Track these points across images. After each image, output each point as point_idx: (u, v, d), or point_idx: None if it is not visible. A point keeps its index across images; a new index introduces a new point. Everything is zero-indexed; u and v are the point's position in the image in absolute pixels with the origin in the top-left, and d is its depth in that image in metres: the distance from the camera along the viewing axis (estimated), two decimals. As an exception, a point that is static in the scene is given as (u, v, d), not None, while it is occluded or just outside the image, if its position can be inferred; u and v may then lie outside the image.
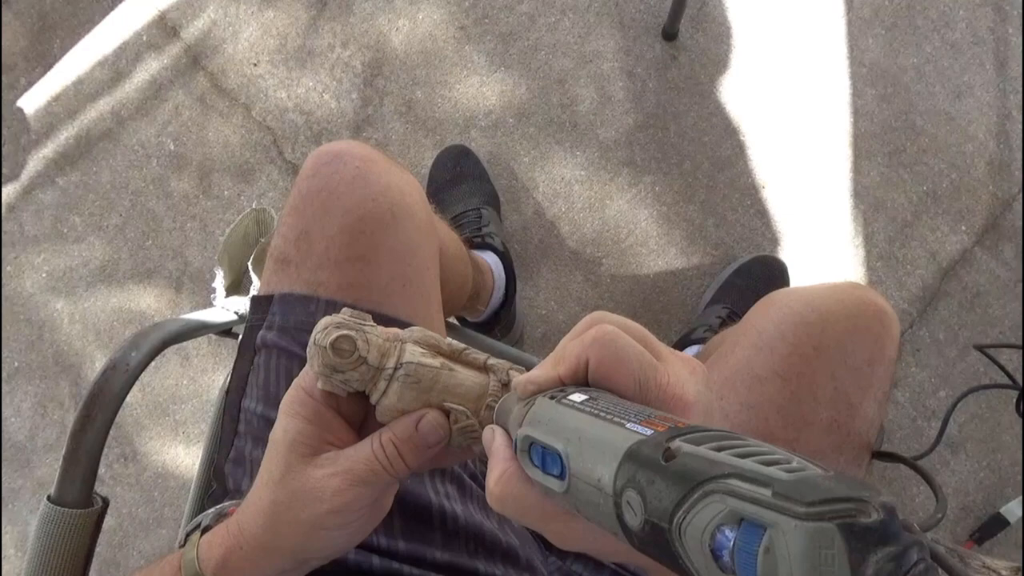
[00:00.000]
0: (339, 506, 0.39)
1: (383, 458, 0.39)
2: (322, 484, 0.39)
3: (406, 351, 0.40)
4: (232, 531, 0.43)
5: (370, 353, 0.39)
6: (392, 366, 0.39)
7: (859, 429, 0.60)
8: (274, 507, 0.40)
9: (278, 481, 0.40)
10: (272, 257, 0.65)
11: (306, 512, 0.39)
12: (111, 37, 1.44)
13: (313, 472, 0.39)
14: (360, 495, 0.39)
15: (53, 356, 1.38)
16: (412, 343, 0.41)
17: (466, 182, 1.28)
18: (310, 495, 0.39)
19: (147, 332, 0.66)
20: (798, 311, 0.61)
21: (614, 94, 1.34)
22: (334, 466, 0.39)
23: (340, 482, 0.39)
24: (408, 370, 0.39)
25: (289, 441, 0.40)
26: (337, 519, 0.39)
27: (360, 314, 0.40)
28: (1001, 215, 1.30)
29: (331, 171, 0.63)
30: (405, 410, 0.40)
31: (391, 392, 0.39)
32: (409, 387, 0.39)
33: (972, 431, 1.24)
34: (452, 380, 0.40)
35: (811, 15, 1.35)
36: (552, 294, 1.30)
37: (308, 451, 0.40)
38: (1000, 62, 1.34)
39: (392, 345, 0.40)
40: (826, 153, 1.32)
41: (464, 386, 0.40)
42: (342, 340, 0.38)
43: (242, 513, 0.43)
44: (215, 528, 0.44)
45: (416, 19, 1.39)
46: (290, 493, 0.40)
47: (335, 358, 0.38)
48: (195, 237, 1.37)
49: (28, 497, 1.36)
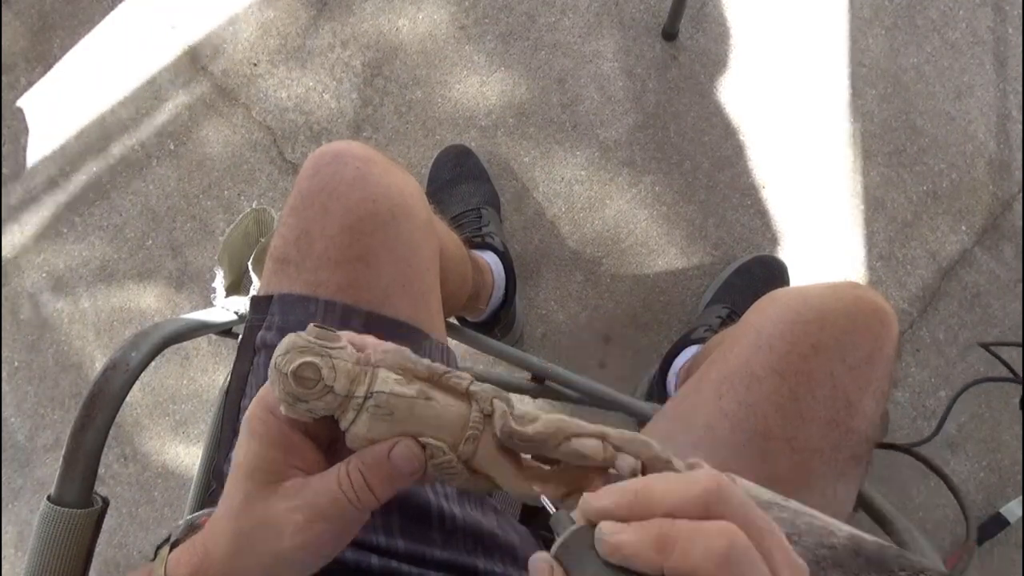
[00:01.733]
0: (301, 544, 0.37)
1: (349, 491, 0.36)
2: (283, 519, 0.37)
3: (378, 378, 0.36)
4: (199, 552, 0.40)
5: (337, 381, 0.35)
6: (362, 395, 0.36)
7: (858, 427, 0.60)
8: (236, 537, 0.38)
9: (238, 510, 0.38)
10: (272, 257, 0.65)
11: (267, 546, 0.37)
12: (111, 37, 1.44)
13: (275, 504, 0.37)
14: (323, 531, 0.37)
15: (53, 356, 1.38)
16: (385, 368, 0.37)
17: (466, 182, 1.28)
18: (271, 530, 0.37)
19: (147, 332, 0.66)
20: (796, 310, 0.61)
21: (614, 94, 1.34)
22: (296, 499, 0.37)
23: (302, 518, 0.36)
24: (379, 400, 0.36)
25: (249, 468, 0.38)
26: (300, 554, 0.37)
27: (327, 333, 0.36)
28: (1001, 215, 1.30)
29: (331, 171, 0.63)
30: (377, 440, 0.36)
31: (360, 422, 0.36)
32: (381, 419, 0.36)
33: (972, 430, 1.24)
34: (429, 411, 0.36)
35: (811, 15, 1.35)
36: (552, 294, 1.30)
37: (269, 478, 0.37)
38: (1000, 62, 1.34)
39: (362, 371, 0.36)
40: (826, 153, 1.32)
41: (442, 418, 0.36)
42: (305, 368, 0.35)
43: (208, 536, 0.40)
44: (183, 545, 0.42)
45: (416, 19, 1.39)
46: (252, 524, 0.38)
47: (297, 387, 0.35)
48: (195, 237, 1.37)
49: (28, 497, 1.36)
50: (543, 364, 0.95)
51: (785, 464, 0.58)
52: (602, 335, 1.29)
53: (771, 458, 0.58)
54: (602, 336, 1.29)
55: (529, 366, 0.95)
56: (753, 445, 0.58)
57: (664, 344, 1.27)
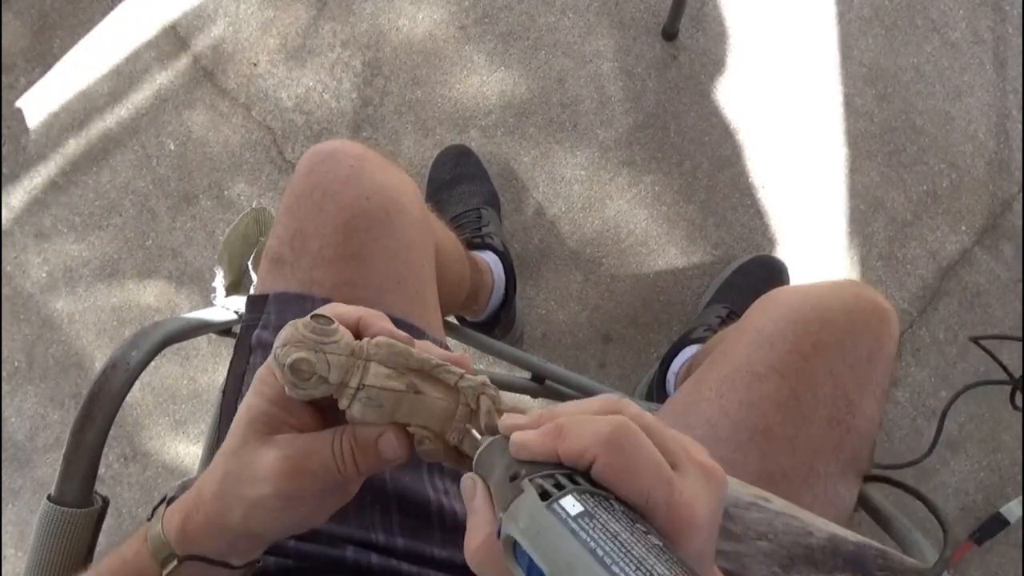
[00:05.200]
0: (282, 491, 0.39)
1: (339, 457, 0.39)
2: (269, 465, 0.39)
3: (369, 372, 0.39)
4: (191, 495, 0.43)
5: (331, 374, 0.38)
6: (355, 385, 0.39)
7: (858, 426, 0.60)
8: (225, 477, 0.41)
9: (232, 453, 0.40)
10: (267, 256, 0.65)
11: (251, 490, 0.39)
12: (111, 37, 1.44)
13: (265, 452, 0.39)
14: (305, 485, 0.39)
15: (53, 356, 1.38)
16: (376, 362, 0.39)
17: (466, 182, 1.28)
18: (257, 474, 0.39)
19: (147, 331, 0.66)
20: (797, 309, 0.61)
21: (614, 94, 1.34)
22: (286, 449, 0.39)
23: (288, 467, 0.39)
24: (370, 393, 0.38)
25: (249, 418, 0.40)
26: (280, 503, 0.39)
27: (323, 328, 0.39)
28: (1001, 215, 1.30)
29: (325, 170, 0.63)
30: (369, 423, 0.39)
31: (354, 408, 0.39)
32: (372, 409, 0.39)
33: (972, 431, 1.24)
34: (417, 404, 0.39)
35: (811, 15, 1.35)
36: (552, 294, 1.30)
37: (266, 430, 0.40)
38: (1000, 62, 1.34)
39: (355, 363, 0.39)
40: (826, 153, 1.32)
41: (430, 410, 0.39)
42: (300, 362, 0.38)
43: (204, 477, 0.43)
44: (180, 497, 0.45)
45: (416, 19, 1.39)
46: (240, 466, 0.40)
47: (293, 378, 0.38)
48: (195, 237, 1.37)
49: (28, 497, 1.36)
50: (543, 364, 0.95)
51: (786, 462, 0.58)
52: (602, 335, 1.29)
53: (772, 456, 0.58)
54: (602, 336, 1.29)
55: (529, 366, 0.95)
56: (754, 443, 0.58)
57: (664, 344, 1.27)
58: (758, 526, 0.40)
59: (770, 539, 0.41)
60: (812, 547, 0.42)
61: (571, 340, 1.29)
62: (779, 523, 0.41)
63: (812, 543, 0.42)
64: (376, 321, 0.42)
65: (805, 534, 0.42)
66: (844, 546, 0.42)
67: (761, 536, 0.38)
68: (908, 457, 0.69)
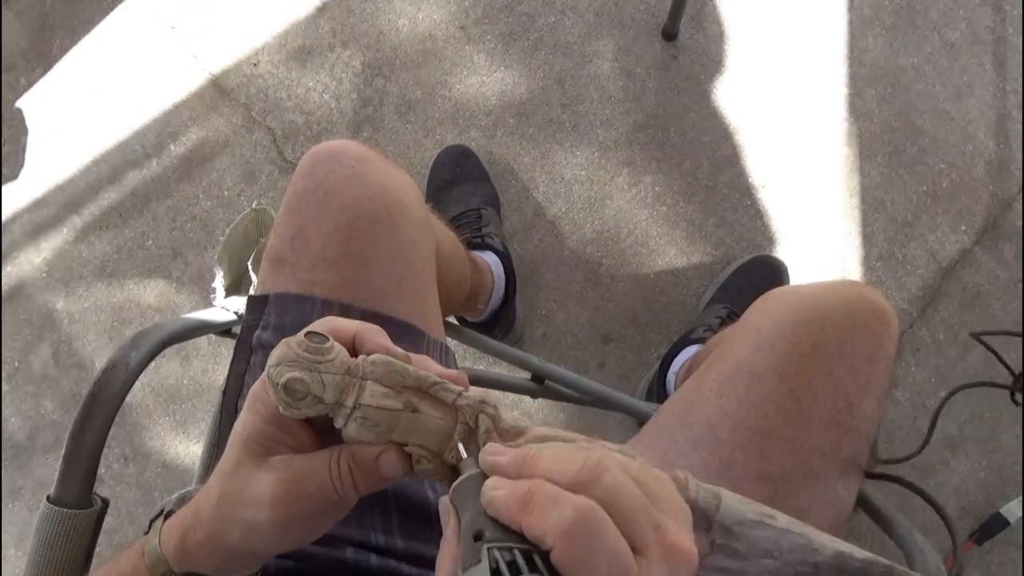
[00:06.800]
0: (279, 516, 0.38)
1: (336, 479, 0.38)
2: (265, 489, 0.38)
3: (365, 391, 0.38)
4: (189, 512, 0.43)
5: (326, 393, 0.37)
6: (351, 404, 0.37)
7: (858, 426, 0.60)
8: (222, 498, 0.40)
9: (228, 474, 0.40)
10: (268, 257, 0.65)
11: (247, 513, 0.39)
12: (111, 37, 1.44)
13: (261, 475, 0.39)
14: (303, 509, 0.38)
15: (53, 356, 1.38)
16: (372, 381, 0.38)
17: (466, 182, 1.28)
18: (253, 498, 0.38)
19: (147, 332, 0.66)
20: (797, 309, 0.61)
21: (614, 94, 1.34)
22: (283, 472, 0.38)
23: (283, 492, 0.38)
24: (366, 413, 0.37)
25: (244, 438, 0.40)
26: (277, 527, 0.39)
27: (317, 347, 0.38)
28: (1001, 215, 1.30)
29: (327, 170, 0.63)
30: (366, 442, 0.38)
31: (350, 427, 0.38)
32: (368, 429, 0.38)
33: (972, 431, 1.23)
34: (414, 424, 0.38)
35: (811, 15, 1.35)
36: (552, 294, 1.30)
37: (261, 450, 0.39)
38: (1000, 62, 1.34)
39: (351, 382, 0.38)
40: (826, 153, 1.32)
41: (428, 429, 0.38)
42: (294, 382, 0.37)
43: (200, 495, 0.42)
44: (177, 512, 0.44)
45: (416, 19, 1.39)
46: (237, 488, 0.39)
47: (287, 398, 0.37)
48: (195, 237, 1.37)
49: (28, 497, 1.36)
50: (543, 364, 0.95)
51: (786, 463, 0.58)
52: (602, 335, 1.29)
53: (772, 457, 0.58)
54: (602, 336, 1.29)
55: (529, 366, 0.95)
56: (754, 444, 0.58)
57: (664, 344, 1.27)
58: (763, 544, 0.40)
59: (775, 557, 0.41)
60: (818, 565, 0.41)
61: (571, 340, 1.29)
62: (785, 541, 0.41)
63: (818, 560, 0.41)
64: (373, 336, 0.40)
65: (811, 552, 0.41)
66: (850, 563, 0.42)
67: (766, 554, 0.38)
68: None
